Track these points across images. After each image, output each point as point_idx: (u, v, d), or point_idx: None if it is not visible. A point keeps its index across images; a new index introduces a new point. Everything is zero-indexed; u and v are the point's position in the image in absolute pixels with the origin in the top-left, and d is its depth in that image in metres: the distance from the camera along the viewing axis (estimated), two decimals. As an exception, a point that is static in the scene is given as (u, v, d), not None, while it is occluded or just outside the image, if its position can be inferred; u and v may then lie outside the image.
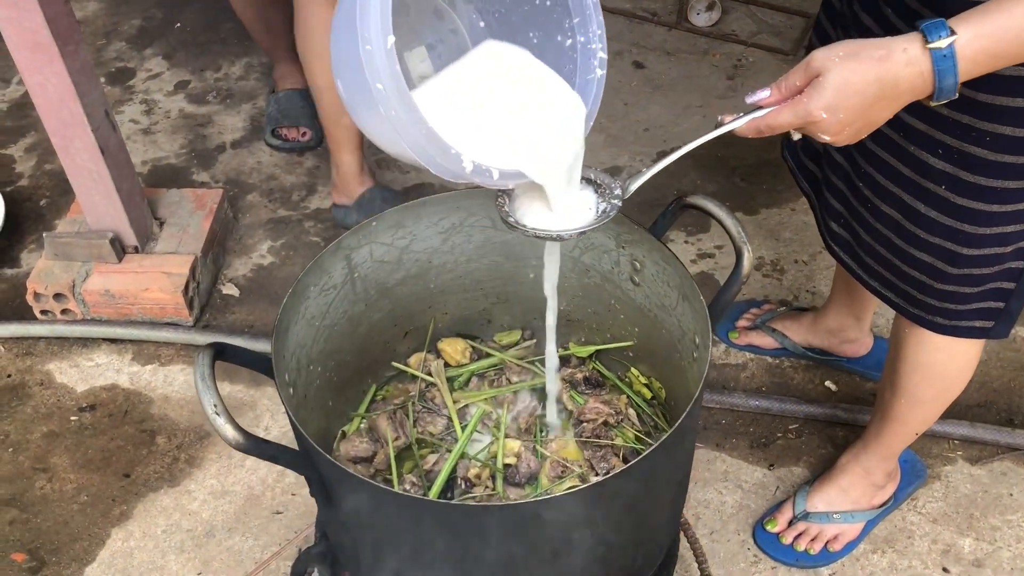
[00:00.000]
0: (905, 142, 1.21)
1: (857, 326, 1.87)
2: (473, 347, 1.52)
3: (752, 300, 2.09)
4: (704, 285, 2.14)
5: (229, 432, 1.00)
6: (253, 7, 2.38)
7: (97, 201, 2.03)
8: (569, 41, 1.06)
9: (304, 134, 2.49)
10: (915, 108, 0.99)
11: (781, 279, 2.14)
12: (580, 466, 1.32)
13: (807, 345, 1.94)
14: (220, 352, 1.08)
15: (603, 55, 1.05)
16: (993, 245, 1.23)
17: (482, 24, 1.11)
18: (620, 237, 1.30)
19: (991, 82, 1.06)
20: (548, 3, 1.06)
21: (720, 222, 1.18)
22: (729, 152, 2.36)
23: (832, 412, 1.86)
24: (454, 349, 1.50)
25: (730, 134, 1.05)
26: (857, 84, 0.93)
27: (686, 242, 2.23)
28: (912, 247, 1.29)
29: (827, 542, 1.66)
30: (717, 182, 2.33)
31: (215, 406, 1.01)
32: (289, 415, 1.08)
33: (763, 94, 0.99)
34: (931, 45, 0.91)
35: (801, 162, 1.53)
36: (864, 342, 1.91)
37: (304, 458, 1.10)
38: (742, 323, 2.03)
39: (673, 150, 1.09)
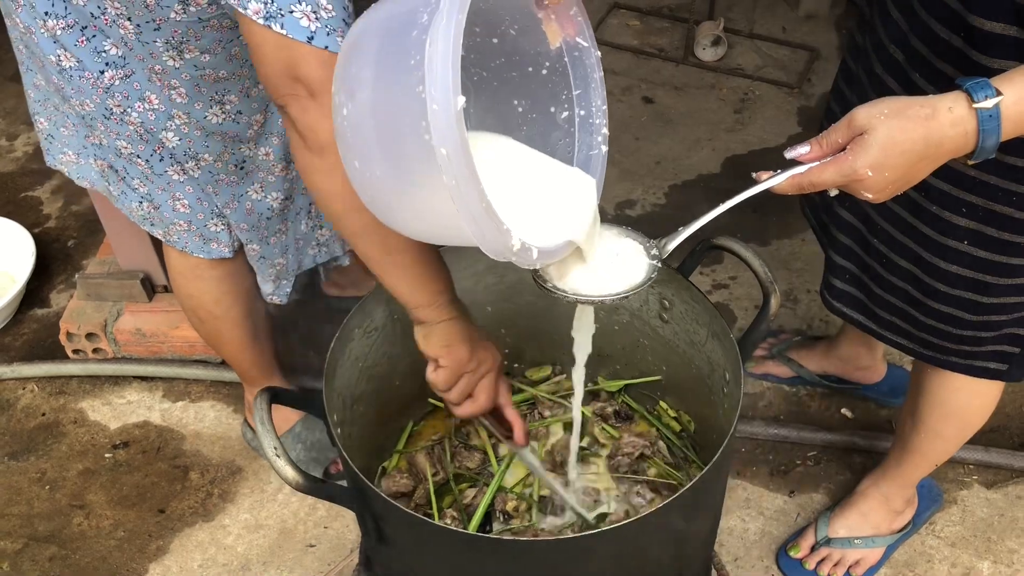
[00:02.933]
0: (926, 202, 1.25)
1: (869, 354, 1.92)
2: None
3: (768, 329, 2.14)
4: (722, 314, 2.19)
5: (290, 474, 1.05)
6: (244, 328, 1.77)
7: (128, 242, 2.08)
8: (565, 113, 1.02)
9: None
10: (939, 169, 1.01)
11: (795, 308, 2.20)
12: (615, 497, 1.37)
13: (822, 373, 1.99)
14: (275, 396, 1.14)
15: (606, 131, 1.02)
16: (1013, 294, 1.27)
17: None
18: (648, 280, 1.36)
19: (1018, 146, 1.09)
20: (544, 72, 1.01)
21: (747, 263, 1.24)
22: (739, 185, 2.42)
23: (849, 439, 1.91)
24: None
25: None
26: (904, 143, 0.92)
27: (701, 273, 2.29)
28: (931, 300, 1.32)
29: (849, 567, 1.71)
30: (729, 213, 2.36)
31: (275, 448, 1.06)
32: (343, 454, 1.13)
33: (803, 150, 0.97)
34: (977, 105, 0.90)
35: (820, 219, 1.56)
36: (877, 369, 1.96)
37: (357, 495, 1.15)
38: (759, 352, 2.08)
39: (709, 210, 1.06)
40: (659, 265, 1.06)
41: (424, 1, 0.82)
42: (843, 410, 2.00)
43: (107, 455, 1.99)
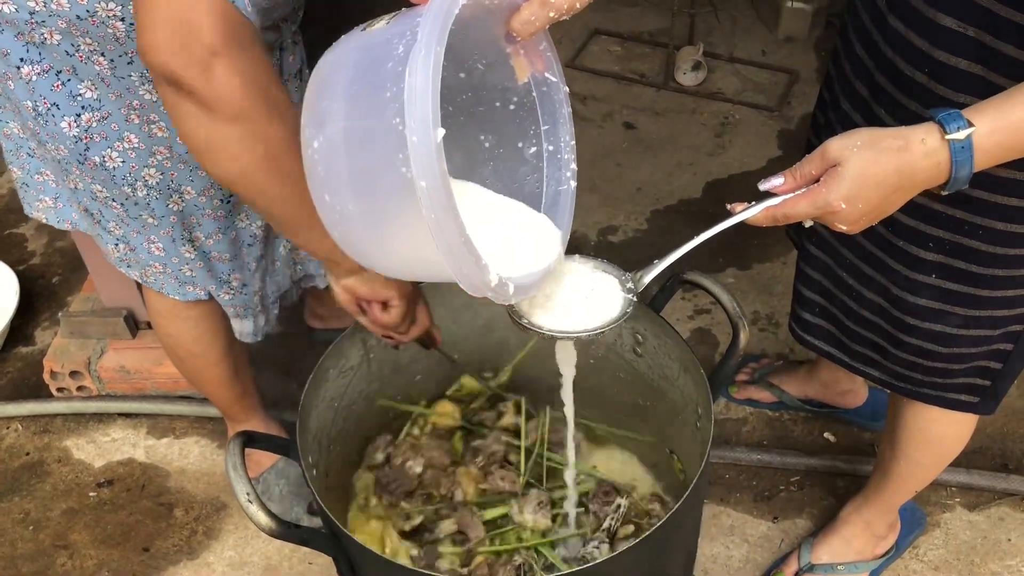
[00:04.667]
0: (893, 237, 1.25)
1: (850, 379, 1.93)
2: (466, 425, 1.56)
3: (750, 354, 2.15)
4: (702, 342, 2.20)
5: (263, 520, 1.05)
6: (224, 366, 1.76)
7: (111, 279, 2.08)
8: (533, 148, 1.01)
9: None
10: (907, 205, 1.01)
11: (776, 333, 2.21)
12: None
13: (804, 397, 2.00)
14: (249, 440, 1.14)
15: (575, 166, 1.01)
16: (982, 327, 1.28)
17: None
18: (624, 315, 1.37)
19: (987, 181, 1.11)
20: (512, 107, 1.00)
21: (717, 298, 1.25)
22: (720, 209, 2.43)
23: (832, 464, 1.92)
24: (444, 411, 1.55)
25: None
26: (877, 175, 0.92)
27: (682, 298, 2.30)
28: (902, 333, 1.33)
29: (833, 593, 1.71)
30: (708, 239, 2.40)
31: (248, 494, 1.06)
32: (317, 500, 1.13)
33: (777, 181, 0.97)
34: (950, 136, 0.90)
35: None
36: (858, 393, 1.97)
37: (331, 540, 1.15)
38: (741, 377, 2.09)
39: (684, 241, 1.06)
40: (634, 299, 1.06)
41: (399, 32, 0.81)
42: (826, 434, 2.01)
43: (91, 494, 1.99)
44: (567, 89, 1.00)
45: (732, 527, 1.85)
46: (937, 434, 1.48)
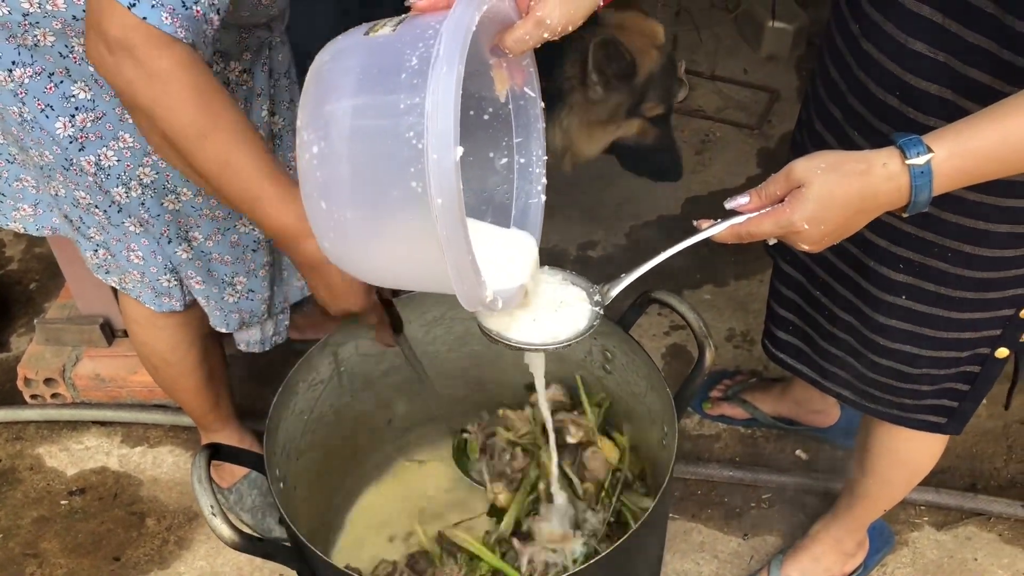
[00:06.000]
0: (865, 257, 1.27)
1: (822, 398, 1.94)
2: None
3: (724, 371, 2.16)
4: (677, 356, 2.22)
5: (226, 533, 1.06)
6: (199, 375, 1.76)
7: (88, 287, 2.08)
8: (504, 160, 1.02)
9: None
10: (877, 226, 0.99)
11: (751, 350, 2.22)
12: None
13: (776, 415, 2.01)
14: (215, 452, 1.15)
15: (544, 180, 1.03)
16: (952, 349, 1.29)
17: None
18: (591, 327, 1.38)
19: (955, 204, 1.12)
20: (486, 117, 1.00)
21: (683, 317, 1.26)
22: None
23: (803, 481, 1.93)
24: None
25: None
26: (840, 197, 0.94)
27: (659, 314, 2.31)
28: (873, 353, 1.34)
29: (801, 611, 1.72)
30: (686, 255, 2.40)
31: (212, 507, 1.07)
32: (282, 513, 1.14)
33: (742, 200, 0.99)
34: (909, 161, 0.92)
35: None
36: (831, 412, 1.98)
37: (297, 554, 1.15)
38: (715, 394, 2.10)
39: (652, 256, 1.08)
40: (602, 312, 1.07)
41: (410, 41, 0.81)
42: (798, 452, 2.02)
43: (63, 502, 1.98)
44: (543, 105, 1.01)
45: (702, 543, 1.86)
46: (907, 454, 1.50)
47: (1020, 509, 1.85)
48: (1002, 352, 1.30)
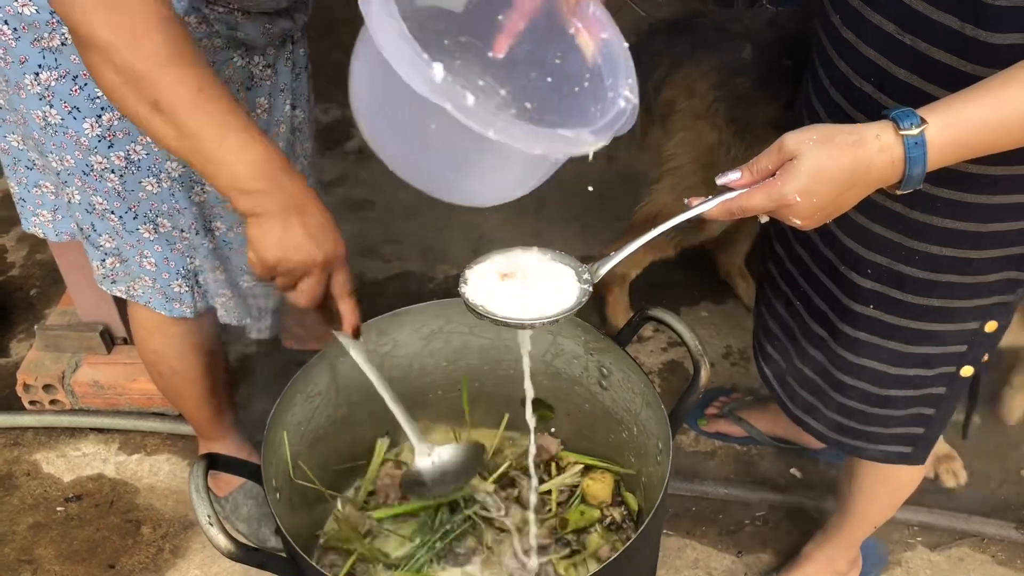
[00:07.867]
0: (838, 262, 1.27)
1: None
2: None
3: (721, 388, 2.17)
4: (674, 373, 2.23)
5: (222, 543, 1.06)
6: (203, 384, 1.77)
7: (88, 294, 2.09)
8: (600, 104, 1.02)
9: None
10: (848, 227, 0.98)
11: (748, 368, 2.23)
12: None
13: (772, 434, 2.02)
14: (213, 463, 1.15)
15: (630, 93, 1.00)
16: (918, 366, 1.29)
17: (513, 111, 1.08)
18: (588, 344, 1.39)
19: (924, 202, 1.12)
20: (586, 84, 1.02)
21: (679, 335, 1.27)
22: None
23: (798, 500, 1.94)
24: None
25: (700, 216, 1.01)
26: (832, 169, 0.92)
27: (656, 330, 2.32)
28: (840, 371, 1.35)
29: (794, 630, 1.72)
30: (683, 273, 2.43)
31: (208, 516, 1.08)
32: (278, 524, 1.14)
33: (733, 176, 0.98)
34: (903, 132, 0.91)
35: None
36: (825, 433, 1.99)
37: (291, 564, 1.16)
38: (711, 411, 2.11)
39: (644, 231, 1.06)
40: (590, 290, 1.08)
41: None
42: (792, 470, 2.03)
43: (59, 509, 1.98)
44: (626, 45, 1.01)
45: (696, 560, 1.87)
46: (888, 471, 1.50)
47: (1013, 531, 1.86)
48: (967, 370, 1.29)
